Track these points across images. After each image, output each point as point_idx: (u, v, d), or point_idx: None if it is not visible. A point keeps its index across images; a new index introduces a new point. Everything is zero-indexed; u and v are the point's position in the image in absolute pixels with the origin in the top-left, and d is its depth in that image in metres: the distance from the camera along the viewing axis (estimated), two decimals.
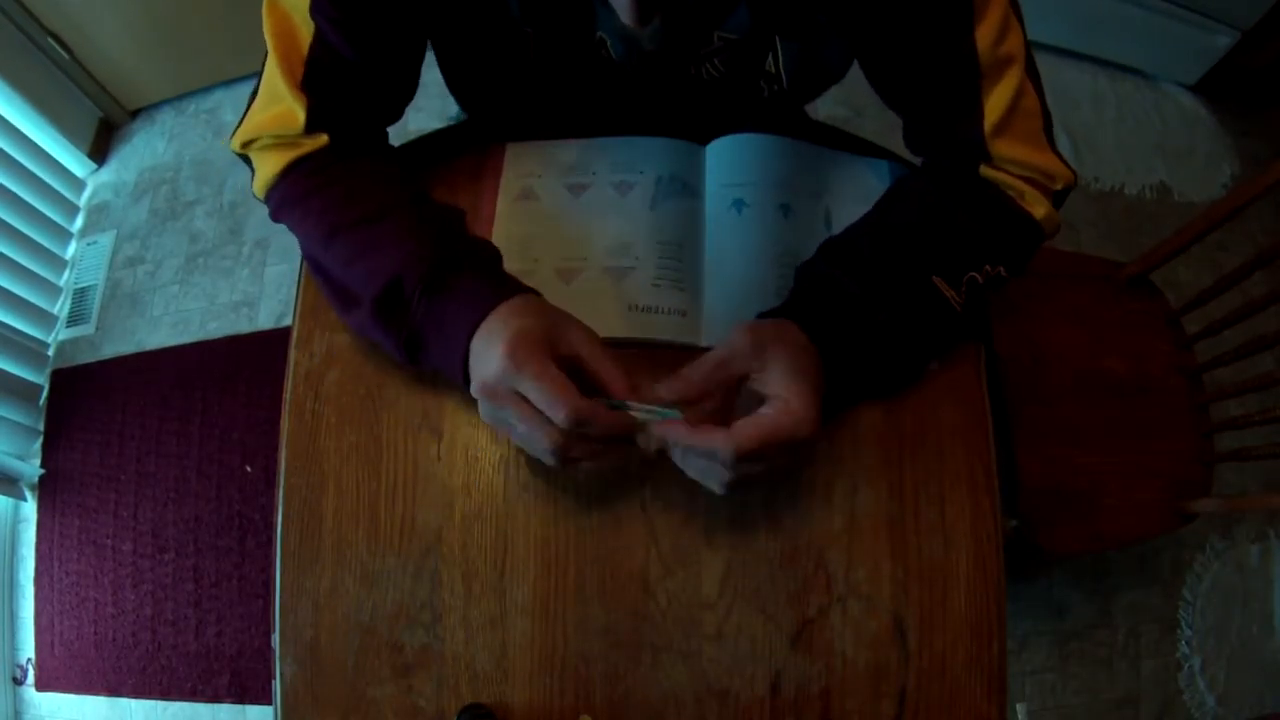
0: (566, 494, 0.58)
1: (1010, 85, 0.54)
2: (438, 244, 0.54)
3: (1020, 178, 0.58)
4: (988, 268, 0.57)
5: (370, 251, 0.54)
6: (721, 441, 0.47)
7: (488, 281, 0.53)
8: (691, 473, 0.51)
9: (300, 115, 0.55)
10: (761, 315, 0.56)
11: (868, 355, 0.56)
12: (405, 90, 0.63)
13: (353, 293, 0.55)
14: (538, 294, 0.55)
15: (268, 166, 0.58)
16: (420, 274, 0.52)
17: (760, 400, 0.50)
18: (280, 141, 0.57)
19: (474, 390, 0.50)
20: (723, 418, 0.51)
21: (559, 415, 0.46)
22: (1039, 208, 0.58)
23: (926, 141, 0.63)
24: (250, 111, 0.58)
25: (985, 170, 0.58)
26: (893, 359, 0.58)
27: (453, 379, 0.53)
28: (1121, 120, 1.70)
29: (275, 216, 0.60)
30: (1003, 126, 0.55)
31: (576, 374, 0.49)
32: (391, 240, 0.54)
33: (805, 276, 0.59)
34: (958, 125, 0.56)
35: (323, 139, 0.57)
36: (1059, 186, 0.59)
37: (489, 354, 0.48)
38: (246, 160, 0.60)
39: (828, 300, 0.55)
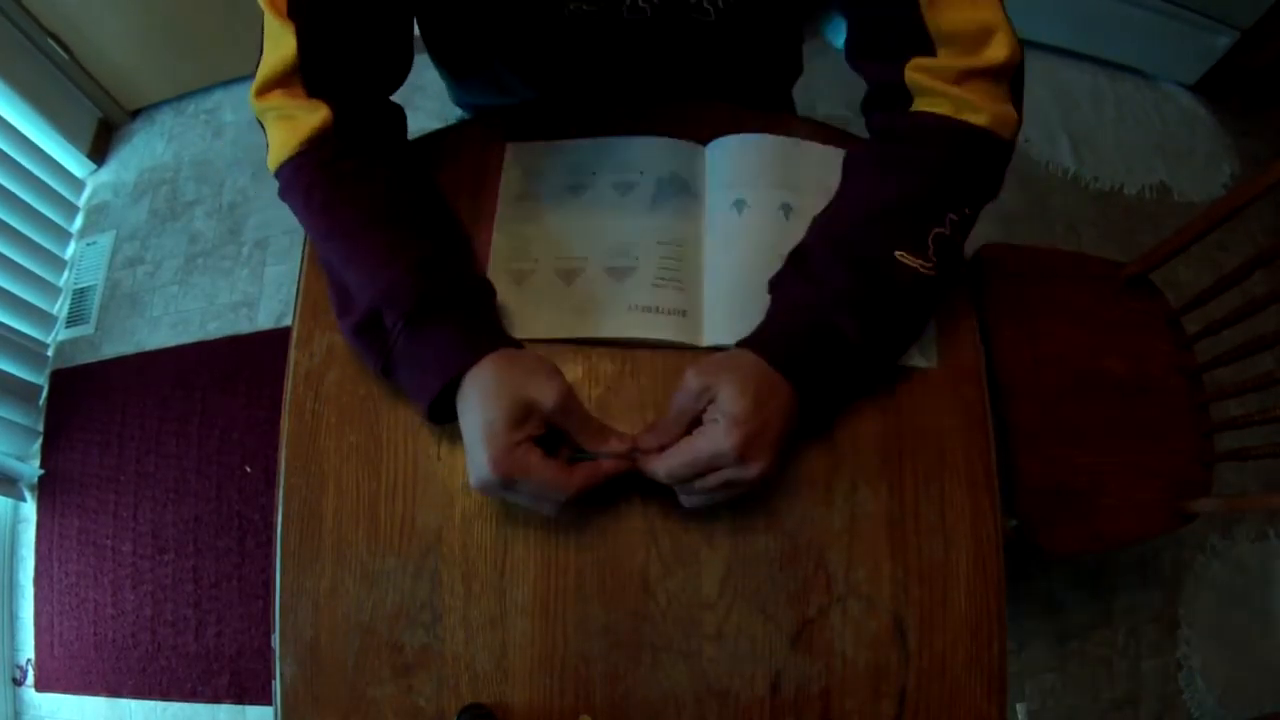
0: None
1: None
2: (425, 274, 0.54)
3: (953, 76, 0.53)
4: (951, 216, 0.55)
5: (360, 265, 0.55)
6: (655, 465, 0.53)
7: (464, 334, 0.54)
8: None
9: (292, 43, 0.54)
10: (739, 342, 0.57)
11: (841, 366, 0.55)
12: (397, 38, 0.62)
13: (345, 296, 0.56)
14: (513, 343, 0.56)
15: (277, 141, 0.58)
16: (402, 310, 0.53)
17: None
18: (287, 112, 0.57)
19: (470, 479, 0.52)
20: None
21: (549, 509, 0.53)
22: (981, 114, 0.54)
23: (860, 36, 0.60)
24: (260, 61, 0.57)
25: (911, 75, 0.55)
26: (871, 360, 0.57)
27: (416, 410, 0.55)
28: (1121, 120, 1.70)
29: (281, 197, 0.60)
30: None
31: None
32: (382, 258, 0.55)
33: (772, 293, 0.59)
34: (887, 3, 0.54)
35: (323, 112, 0.56)
36: (1002, 56, 0.53)
37: (471, 434, 0.51)
38: (263, 127, 0.60)
39: (789, 322, 0.55)
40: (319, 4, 0.55)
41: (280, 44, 0.56)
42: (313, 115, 0.56)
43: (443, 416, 0.55)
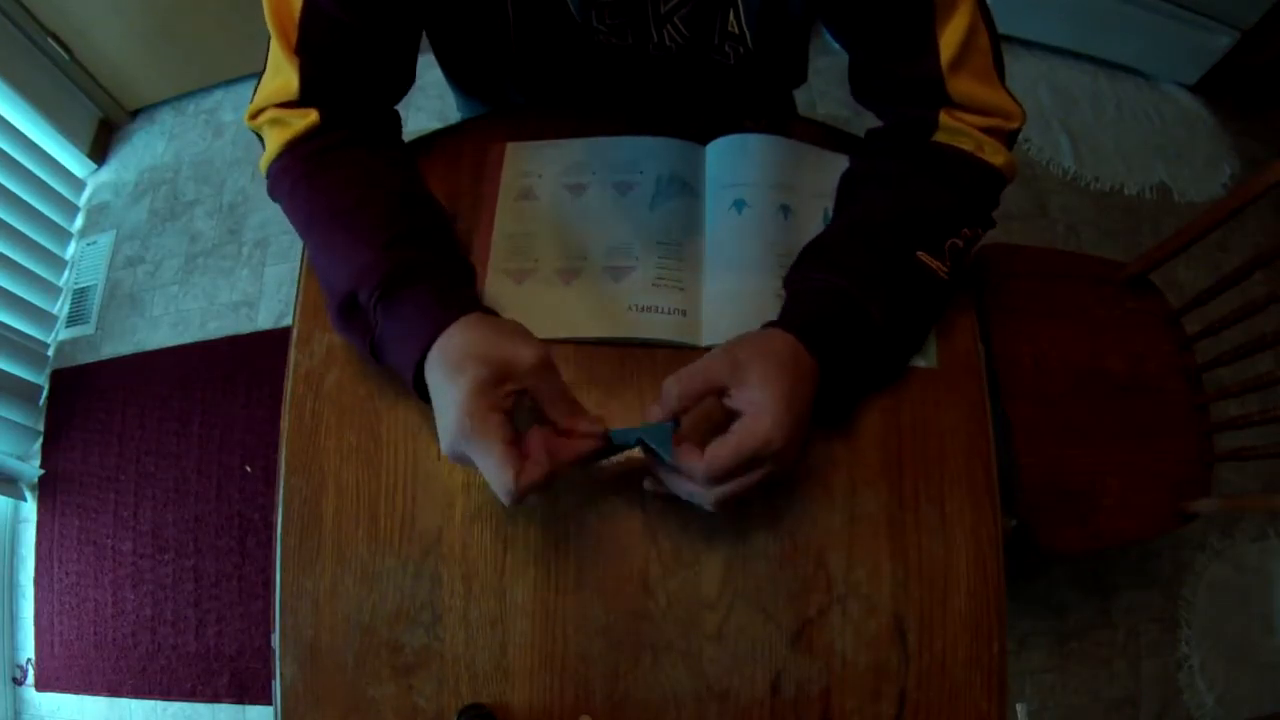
0: (567, 494, 0.58)
1: (963, 20, 0.55)
2: (396, 249, 0.54)
3: (977, 127, 0.58)
4: (965, 231, 0.59)
5: (336, 252, 0.56)
6: (696, 464, 0.49)
7: (436, 298, 0.53)
8: (682, 495, 0.52)
9: (294, 81, 0.56)
10: (766, 324, 0.57)
11: (866, 351, 0.56)
12: (402, 63, 0.64)
13: (329, 287, 0.57)
14: (488, 311, 0.54)
15: (270, 144, 0.60)
16: (373, 284, 0.53)
17: (735, 415, 0.50)
18: (280, 118, 0.58)
19: (441, 445, 0.49)
20: (707, 435, 0.51)
21: (504, 497, 0.47)
22: (998, 156, 0.59)
23: (880, 85, 0.63)
24: (259, 85, 0.59)
25: (945, 118, 0.58)
26: (892, 348, 0.58)
27: (408, 389, 0.54)
28: (1121, 120, 1.70)
29: (270, 195, 0.62)
30: (958, 62, 0.56)
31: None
32: (353, 242, 0.55)
33: (792, 283, 0.59)
34: (914, 63, 0.57)
35: (312, 116, 0.58)
36: (1014, 126, 0.59)
37: (443, 397, 0.48)
38: (260, 137, 0.61)
39: (817, 304, 0.56)
40: (328, 44, 0.57)
41: (282, 75, 0.57)
42: (302, 119, 0.58)
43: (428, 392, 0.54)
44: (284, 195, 0.60)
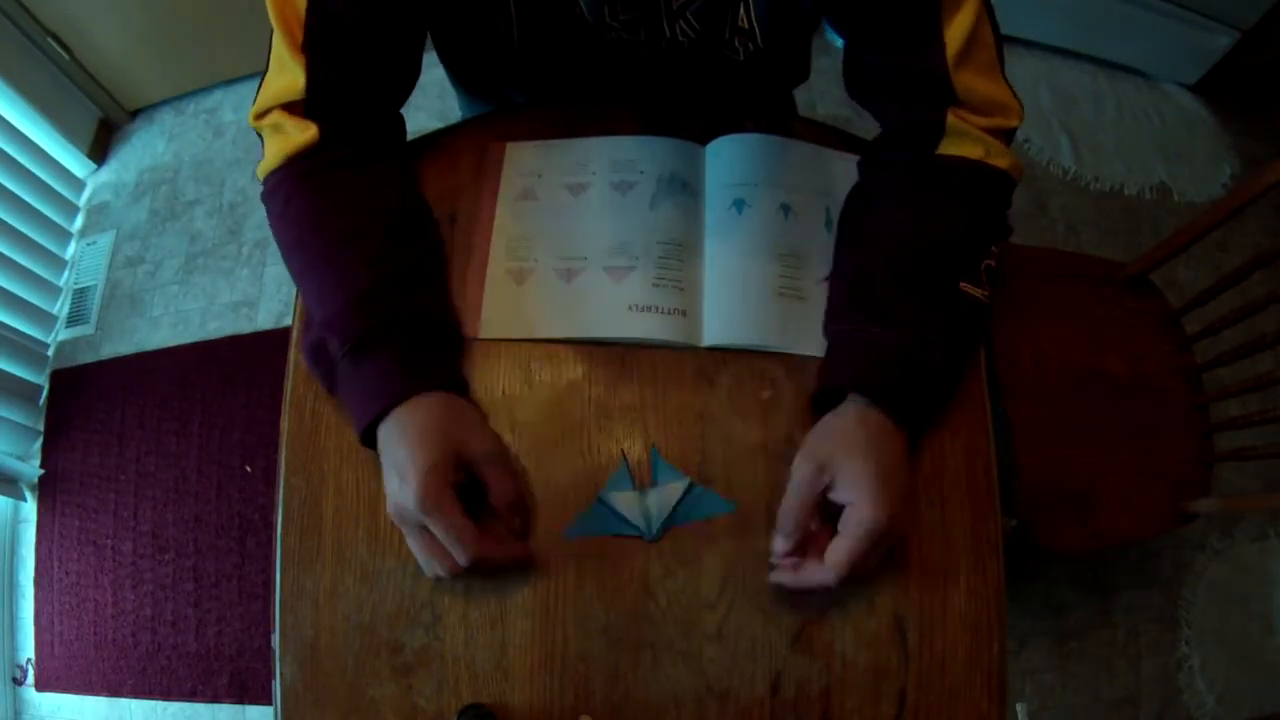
0: (567, 495, 0.58)
1: (969, 14, 0.55)
2: (367, 308, 0.55)
3: (982, 128, 0.58)
4: (993, 248, 0.60)
5: (314, 285, 0.57)
6: (825, 577, 0.51)
7: (401, 368, 0.54)
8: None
9: (301, 79, 0.56)
10: (817, 393, 0.58)
11: (932, 395, 0.57)
12: (407, 63, 0.63)
13: (308, 314, 0.58)
14: (454, 387, 0.57)
15: (269, 153, 0.59)
16: (341, 340, 0.54)
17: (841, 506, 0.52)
18: (281, 125, 0.58)
19: (388, 504, 0.52)
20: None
21: (461, 558, 0.51)
22: (1004, 159, 0.59)
23: (884, 81, 0.62)
24: (263, 84, 0.59)
25: (952, 121, 0.58)
26: (951, 383, 0.59)
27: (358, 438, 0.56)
28: (1121, 120, 1.70)
29: (262, 201, 0.62)
30: (964, 56, 0.56)
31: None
32: (332, 285, 0.56)
33: (842, 336, 0.59)
34: (920, 57, 0.57)
35: (311, 131, 0.58)
36: (1015, 124, 0.59)
37: (399, 463, 0.51)
38: (261, 138, 0.61)
39: (885, 365, 0.55)
40: (334, 42, 0.56)
41: (288, 74, 0.57)
42: (301, 133, 0.58)
43: (375, 443, 0.55)
44: (275, 211, 0.60)
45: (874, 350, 0.56)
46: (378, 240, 0.58)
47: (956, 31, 0.55)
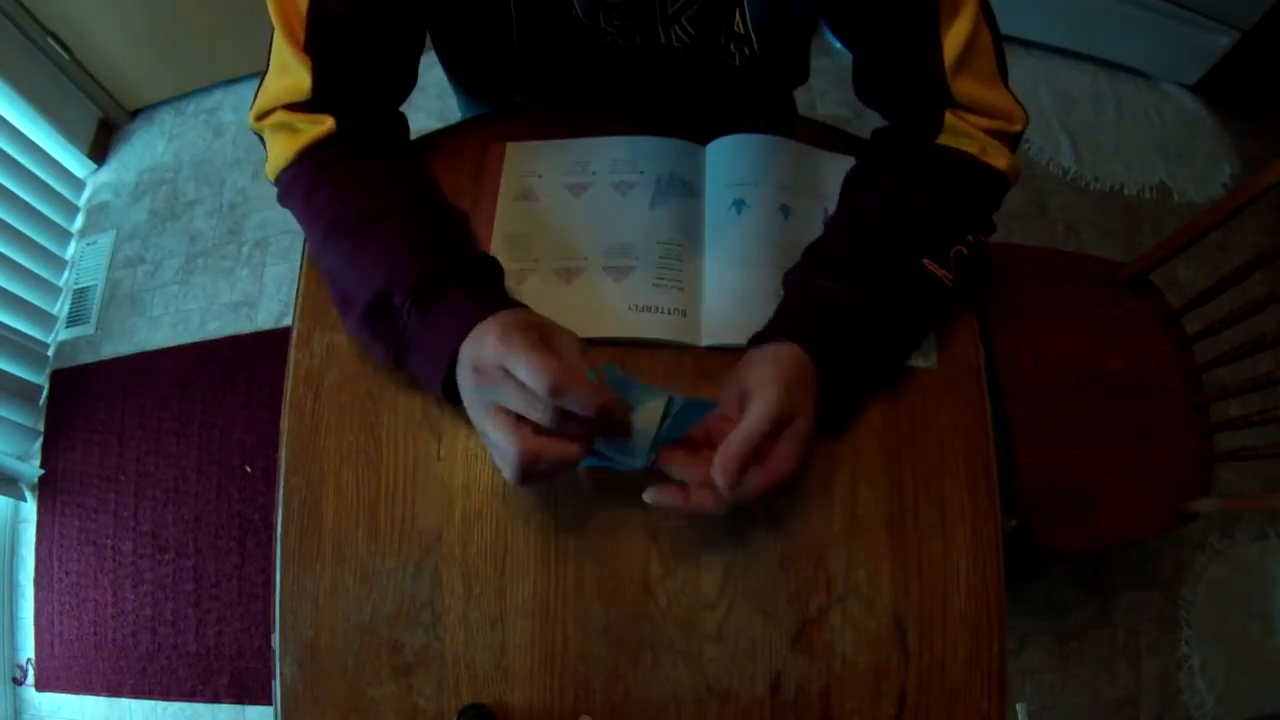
0: (567, 494, 0.58)
1: (967, 20, 0.55)
2: (430, 254, 0.54)
3: (981, 129, 0.58)
4: (969, 238, 0.59)
5: (363, 257, 0.55)
6: (718, 481, 0.47)
7: (476, 296, 0.53)
8: (690, 507, 0.51)
9: (306, 80, 0.56)
10: (757, 335, 0.56)
11: (868, 360, 0.56)
12: (407, 63, 0.64)
13: (348, 294, 0.56)
14: (527, 307, 0.54)
15: (277, 150, 0.59)
16: (410, 285, 0.52)
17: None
18: (289, 123, 0.58)
19: (461, 372, 0.50)
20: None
21: (541, 382, 0.45)
22: (1001, 160, 0.59)
23: (884, 85, 0.63)
24: (263, 85, 0.59)
25: (950, 118, 0.58)
26: (893, 355, 0.58)
27: (429, 388, 0.54)
28: (1121, 120, 1.70)
29: (281, 202, 0.61)
30: (961, 63, 0.56)
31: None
32: (385, 248, 0.54)
33: (793, 285, 0.59)
34: (917, 62, 0.57)
35: (328, 123, 0.57)
36: (1018, 128, 0.60)
37: (480, 346, 0.49)
38: (262, 139, 0.61)
39: (822, 314, 0.55)
40: (336, 41, 0.56)
41: (292, 74, 0.56)
42: (317, 126, 0.57)
43: (456, 393, 0.53)
44: (299, 205, 0.59)
45: (815, 301, 0.56)
46: (413, 210, 0.58)
47: (954, 38, 0.55)
